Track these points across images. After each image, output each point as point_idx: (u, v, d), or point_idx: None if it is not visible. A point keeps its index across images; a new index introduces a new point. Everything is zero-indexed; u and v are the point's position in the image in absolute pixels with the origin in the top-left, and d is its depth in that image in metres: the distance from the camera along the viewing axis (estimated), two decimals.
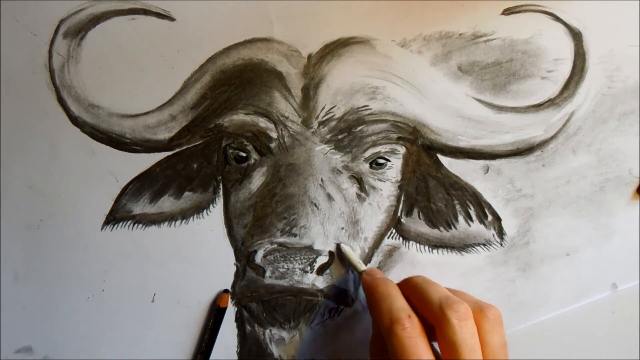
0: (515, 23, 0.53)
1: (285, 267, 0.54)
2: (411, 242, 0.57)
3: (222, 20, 0.52)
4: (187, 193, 0.56)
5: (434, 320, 0.45)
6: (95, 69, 0.53)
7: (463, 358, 0.43)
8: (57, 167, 0.54)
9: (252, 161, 0.55)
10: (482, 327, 0.45)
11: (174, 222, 0.56)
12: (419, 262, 0.57)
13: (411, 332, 0.44)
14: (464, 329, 0.43)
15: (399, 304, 0.47)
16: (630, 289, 0.60)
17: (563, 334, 0.60)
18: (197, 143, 0.55)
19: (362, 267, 0.53)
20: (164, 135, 0.54)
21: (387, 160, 0.55)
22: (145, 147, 0.54)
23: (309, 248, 0.53)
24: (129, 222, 0.55)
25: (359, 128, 0.54)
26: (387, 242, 0.56)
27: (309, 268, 0.54)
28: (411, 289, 0.49)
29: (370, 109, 0.53)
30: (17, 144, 0.54)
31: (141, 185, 0.55)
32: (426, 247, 0.57)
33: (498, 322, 0.46)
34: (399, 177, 0.56)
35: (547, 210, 0.57)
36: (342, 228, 0.54)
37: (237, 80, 0.53)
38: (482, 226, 0.56)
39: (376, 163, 0.55)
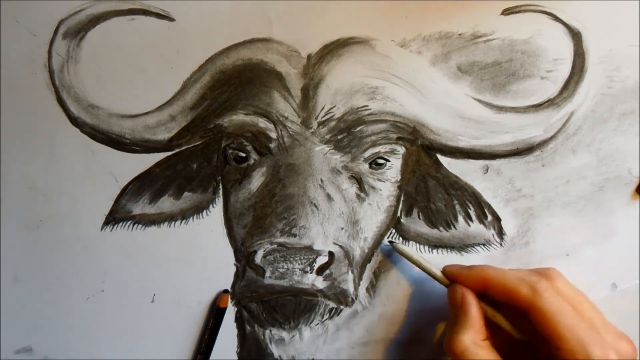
0: (515, 23, 0.53)
1: (285, 267, 0.54)
2: (411, 242, 0.57)
3: (222, 21, 0.52)
4: (186, 193, 0.56)
5: (526, 305, 0.47)
6: (94, 69, 0.53)
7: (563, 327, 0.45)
8: (56, 168, 0.54)
9: (252, 161, 0.55)
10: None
11: (173, 223, 0.56)
12: None
13: (553, 292, 0.47)
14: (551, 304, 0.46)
15: (519, 274, 0.49)
16: (630, 289, 0.60)
17: None
18: (196, 143, 0.55)
19: (438, 273, 0.54)
20: (163, 135, 0.54)
21: (387, 160, 0.55)
22: (145, 147, 0.54)
23: (309, 248, 0.53)
24: (129, 222, 0.55)
25: (358, 128, 0.54)
26: (387, 242, 0.56)
27: (308, 268, 0.54)
28: (487, 285, 0.50)
29: (369, 109, 0.53)
30: (17, 145, 0.54)
31: (141, 185, 0.55)
32: (426, 247, 0.57)
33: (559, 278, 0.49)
34: (399, 177, 0.55)
35: (546, 210, 0.57)
36: (342, 228, 0.54)
37: (237, 80, 0.53)
38: (481, 226, 0.56)
39: (376, 163, 0.55)
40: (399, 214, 0.56)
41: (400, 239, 0.57)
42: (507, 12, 0.53)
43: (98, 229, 0.55)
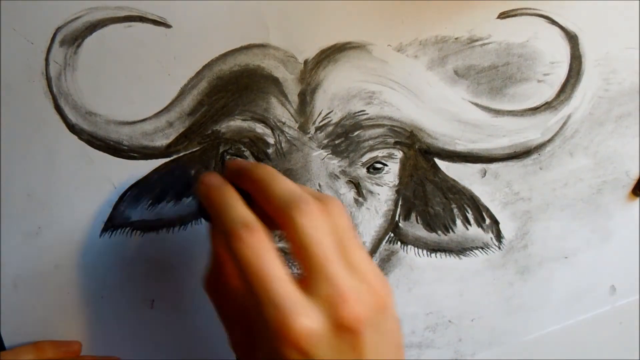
0: (511, 27, 0.53)
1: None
2: (409, 246, 0.57)
3: (218, 27, 0.52)
4: (185, 199, 0.56)
5: (282, 221, 0.38)
6: (92, 76, 0.53)
7: (313, 257, 0.37)
8: (55, 175, 0.54)
9: None
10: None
11: (172, 229, 0.56)
12: (418, 266, 0.57)
13: (250, 242, 0.37)
14: (314, 228, 0.37)
15: (234, 214, 0.39)
16: (631, 289, 0.60)
17: (562, 332, 0.60)
18: (194, 149, 0.55)
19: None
20: (161, 142, 0.54)
21: (385, 164, 0.55)
22: (143, 154, 0.54)
23: None
24: (128, 228, 0.56)
25: (356, 133, 0.54)
26: (385, 246, 0.56)
27: None
28: (254, 189, 0.41)
29: (367, 113, 0.53)
30: (16, 152, 0.54)
31: (139, 192, 0.55)
32: (424, 251, 0.57)
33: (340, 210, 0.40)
34: (397, 182, 0.56)
35: (544, 213, 0.57)
36: None
37: (234, 86, 0.53)
38: (480, 230, 0.56)
39: (373, 168, 0.55)
40: (397, 219, 0.56)
41: (399, 243, 0.57)
42: (503, 15, 0.53)
43: (97, 236, 0.55)
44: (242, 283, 0.39)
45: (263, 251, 0.38)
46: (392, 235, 0.56)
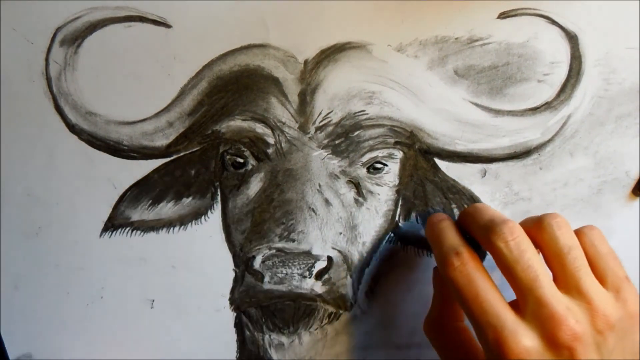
0: (511, 27, 0.53)
1: (284, 272, 0.54)
2: (409, 246, 0.57)
3: (218, 27, 0.52)
4: (185, 199, 0.56)
5: (487, 248, 0.43)
6: (92, 76, 0.53)
7: (520, 280, 0.40)
8: (55, 175, 0.54)
9: (250, 167, 0.55)
10: (539, 239, 0.43)
11: (172, 229, 0.56)
12: (418, 266, 0.57)
13: (462, 268, 0.42)
14: (513, 250, 0.41)
15: (448, 243, 0.44)
16: None
17: None
18: (194, 149, 0.55)
19: None
20: (161, 142, 0.54)
21: (385, 164, 0.55)
22: (143, 154, 0.54)
23: (307, 253, 0.53)
24: (127, 228, 0.56)
25: (356, 133, 0.54)
26: (385, 246, 0.56)
27: (307, 273, 0.54)
28: (463, 221, 0.47)
29: (367, 113, 0.53)
30: (16, 152, 0.54)
31: (139, 192, 0.55)
32: (425, 251, 0.57)
33: (559, 226, 0.42)
34: (397, 182, 0.56)
35: (544, 213, 0.57)
36: (340, 233, 0.54)
37: (234, 86, 0.53)
38: None
39: (373, 168, 0.55)
40: (397, 218, 0.56)
41: (399, 243, 0.57)
42: (503, 15, 0.53)
43: (97, 236, 0.56)
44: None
45: (474, 276, 0.42)
46: (392, 235, 0.57)
